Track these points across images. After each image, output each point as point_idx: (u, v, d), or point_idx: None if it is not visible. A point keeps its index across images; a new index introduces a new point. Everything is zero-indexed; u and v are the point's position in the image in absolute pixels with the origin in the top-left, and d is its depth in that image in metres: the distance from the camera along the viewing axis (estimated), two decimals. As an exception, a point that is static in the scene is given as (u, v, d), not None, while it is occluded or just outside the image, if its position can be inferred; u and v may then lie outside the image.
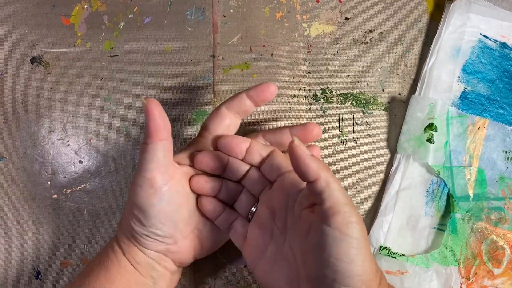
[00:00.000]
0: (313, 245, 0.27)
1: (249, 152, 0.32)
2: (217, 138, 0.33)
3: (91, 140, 0.41)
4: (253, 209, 0.33)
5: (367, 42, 0.44)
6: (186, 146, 0.35)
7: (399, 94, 0.43)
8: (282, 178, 0.31)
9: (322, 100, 0.42)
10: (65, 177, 0.40)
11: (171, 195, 0.31)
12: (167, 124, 0.30)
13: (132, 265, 0.32)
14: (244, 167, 0.33)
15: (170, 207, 0.31)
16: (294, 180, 0.31)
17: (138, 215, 0.31)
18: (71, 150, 0.41)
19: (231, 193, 0.34)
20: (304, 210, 0.29)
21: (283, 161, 0.32)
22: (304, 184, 0.30)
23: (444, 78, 0.41)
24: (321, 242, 0.26)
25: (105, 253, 0.33)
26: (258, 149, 0.32)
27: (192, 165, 0.34)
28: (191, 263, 0.35)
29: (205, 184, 0.33)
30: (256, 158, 0.32)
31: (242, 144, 0.32)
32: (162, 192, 0.30)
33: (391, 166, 0.41)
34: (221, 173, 0.33)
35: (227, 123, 0.34)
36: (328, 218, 0.26)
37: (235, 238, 0.34)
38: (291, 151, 0.27)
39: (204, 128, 0.34)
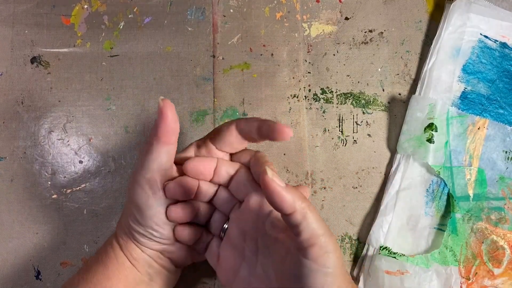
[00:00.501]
0: (289, 273, 0.27)
1: (216, 172, 0.32)
2: (185, 159, 0.32)
3: (91, 140, 0.41)
4: (225, 226, 0.33)
5: (367, 42, 0.44)
6: (188, 146, 0.34)
7: (399, 94, 0.43)
8: (248, 199, 0.31)
9: (322, 100, 0.42)
10: (65, 177, 0.40)
11: (168, 198, 0.31)
12: (176, 129, 0.29)
13: (130, 261, 0.32)
14: (213, 188, 0.32)
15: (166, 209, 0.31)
16: (262, 201, 0.30)
17: (135, 214, 0.31)
18: (71, 150, 0.41)
19: (205, 214, 0.33)
20: (281, 234, 0.29)
21: (250, 179, 0.31)
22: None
23: (444, 78, 0.41)
24: (298, 272, 0.26)
25: (103, 250, 0.33)
26: (226, 168, 0.32)
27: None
28: (190, 264, 0.35)
29: (181, 212, 0.31)
30: (224, 178, 0.32)
31: (209, 166, 0.31)
32: (160, 194, 0.30)
33: (391, 166, 0.41)
34: (192, 197, 0.32)
35: (230, 141, 0.32)
36: (305, 250, 0.26)
37: (210, 258, 0.33)
38: (263, 184, 0.25)
39: (209, 136, 0.33)
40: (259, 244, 0.30)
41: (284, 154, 0.41)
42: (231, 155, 0.34)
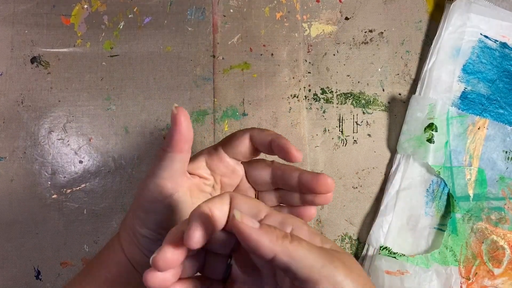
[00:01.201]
0: None
1: None
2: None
3: (91, 140, 0.41)
4: (229, 261, 0.27)
5: (367, 42, 0.44)
6: (199, 153, 0.33)
7: (399, 94, 0.43)
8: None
9: (322, 100, 0.42)
10: (65, 177, 0.40)
11: (177, 204, 0.31)
12: (190, 137, 0.29)
13: (132, 264, 0.32)
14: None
15: (174, 216, 0.31)
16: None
17: (142, 218, 0.31)
18: (71, 150, 0.41)
19: (197, 263, 0.27)
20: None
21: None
22: None
23: (444, 78, 0.41)
24: None
25: (106, 252, 0.33)
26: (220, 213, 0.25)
27: (204, 176, 0.32)
28: None
29: (172, 278, 0.25)
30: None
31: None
32: (169, 201, 0.30)
33: (391, 166, 0.41)
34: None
35: (243, 150, 0.31)
36: None
37: None
38: (234, 229, 0.21)
39: (221, 144, 0.32)
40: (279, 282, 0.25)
41: (284, 154, 0.41)
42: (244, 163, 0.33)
